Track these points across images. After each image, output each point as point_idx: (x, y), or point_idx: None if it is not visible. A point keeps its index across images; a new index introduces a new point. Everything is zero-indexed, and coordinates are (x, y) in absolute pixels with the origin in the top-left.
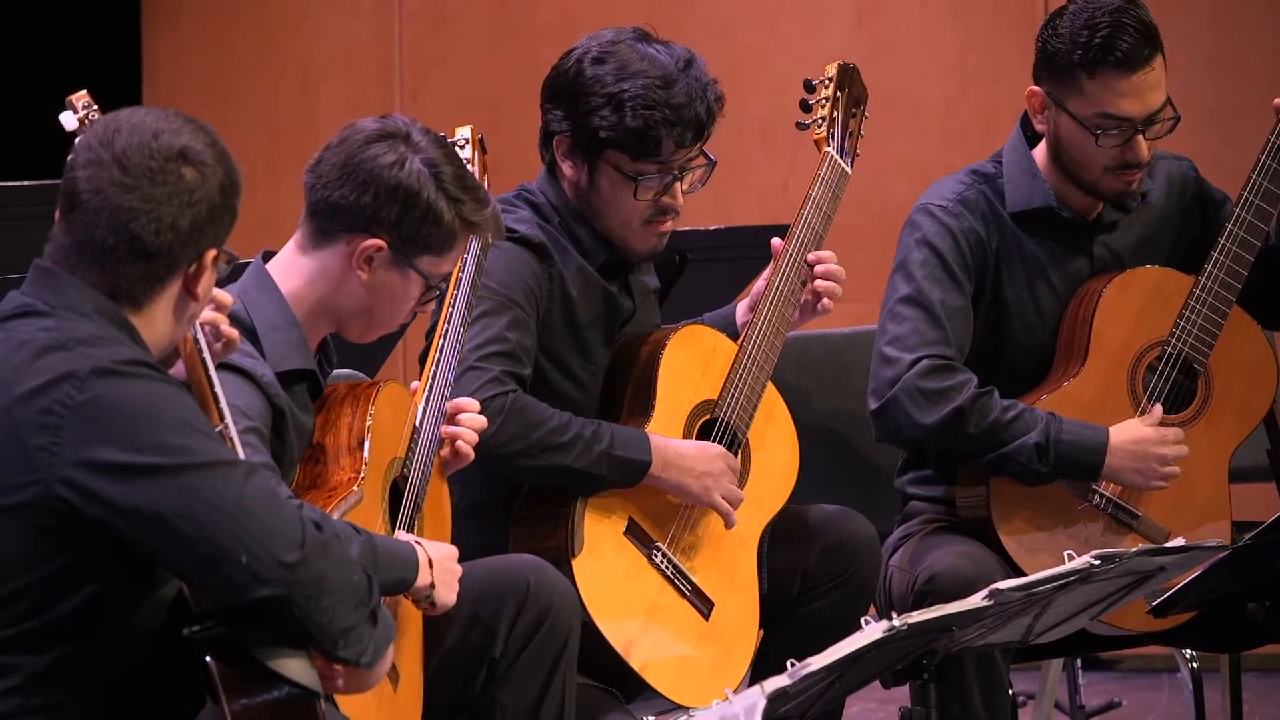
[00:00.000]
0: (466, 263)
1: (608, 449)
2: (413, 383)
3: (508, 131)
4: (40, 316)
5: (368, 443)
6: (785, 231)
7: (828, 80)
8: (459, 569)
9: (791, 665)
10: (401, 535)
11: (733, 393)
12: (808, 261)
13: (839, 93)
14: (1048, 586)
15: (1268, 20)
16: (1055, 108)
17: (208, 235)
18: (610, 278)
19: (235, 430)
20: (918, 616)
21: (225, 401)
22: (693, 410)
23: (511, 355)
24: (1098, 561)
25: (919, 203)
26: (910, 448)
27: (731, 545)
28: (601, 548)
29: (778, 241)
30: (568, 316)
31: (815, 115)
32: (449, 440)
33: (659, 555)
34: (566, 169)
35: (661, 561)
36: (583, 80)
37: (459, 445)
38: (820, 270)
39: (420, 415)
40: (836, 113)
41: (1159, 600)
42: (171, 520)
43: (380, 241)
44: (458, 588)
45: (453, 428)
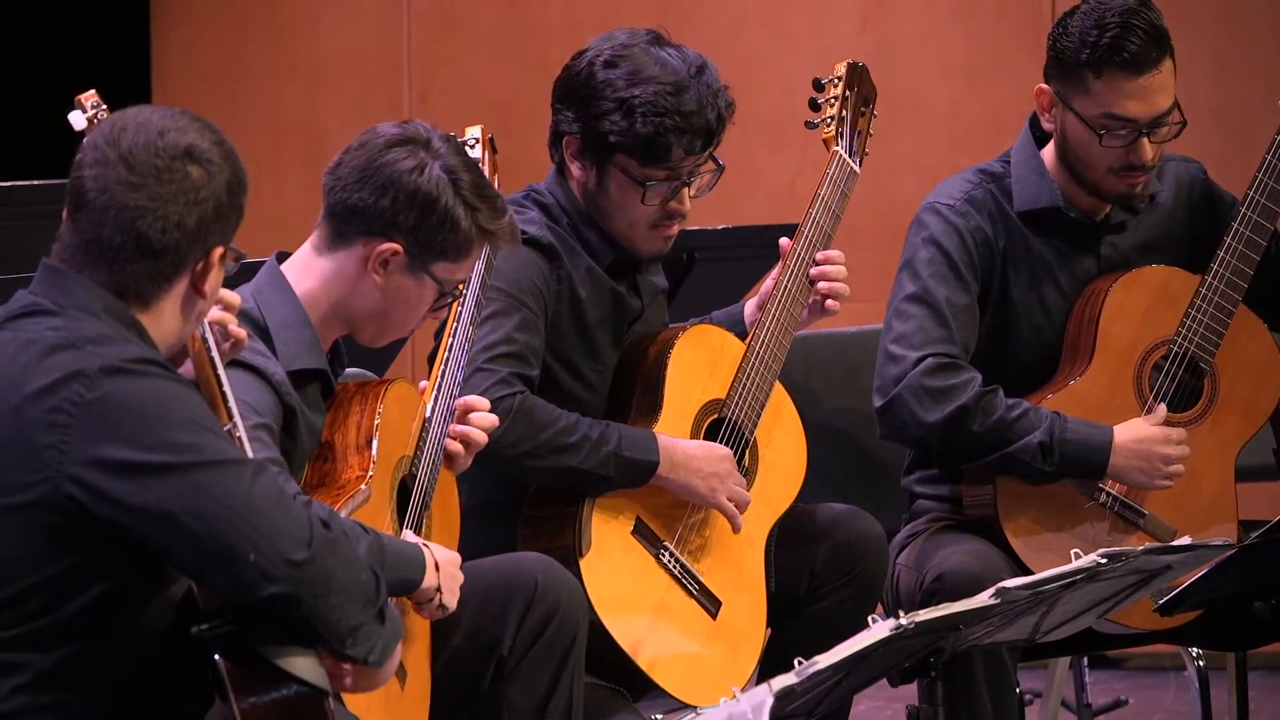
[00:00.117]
0: (477, 262)
1: (615, 450)
2: (421, 382)
3: (516, 132)
4: (49, 315)
5: (376, 441)
6: (793, 231)
7: (837, 79)
8: (462, 575)
9: (799, 663)
10: (409, 537)
11: (740, 392)
12: (816, 261)
13: (848, 92)
14: (1054, 585)
15: (1271, 21)
16: (1062, 106)
17: (214, 233)
18: (619, 278)
19: (244, 428)
20: (925, 615)
21: (234, 400)
22: (700, 410)
23: (519, 357)
24: (1104, 560)
25: (926, 201)
26: (914, 445)
27: (739, 544)
28: (609, 547)
29: (786, 241)
30: (576, 317)
31: (824, 114)
32: (459, 438)
33: (666, 555)
34: (575, 170)
35: (669, 561)
36: (594, 83)
37: (470, 440)
38: (815, 272)
39: (429, 414)
40: (845, 112)
41: (1165, 599)
42: (180, 518)
43: (397, 246)
44: (459, 594)
45: (463, 426)
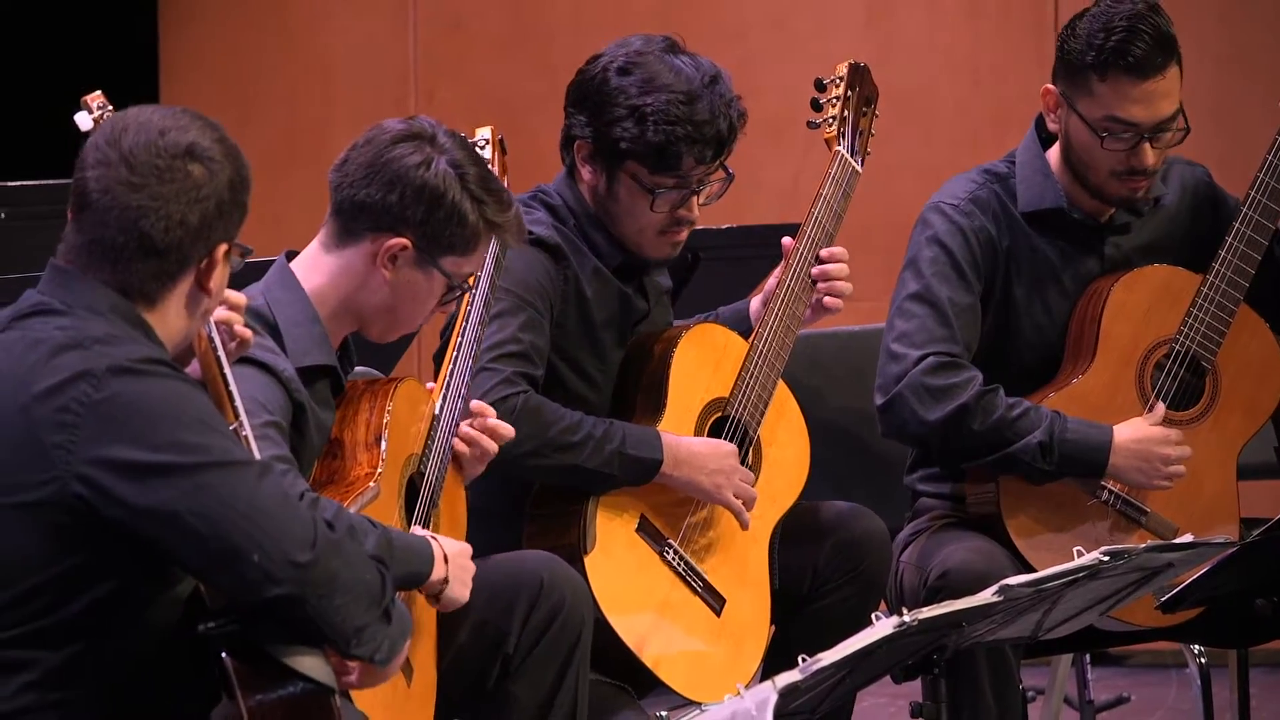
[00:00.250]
0: (486, 261)
1: (619, 448)
2: (428, 383)
3: (521, 133)
4: (56, 315)
5: (385, 438)
6: (796, 230)
7: (838, 79)
8: (473, 566)
9: (803, 660)
10: (418, 530)
11: (744, 390)
12: (819, 259)
13: (849, 92)
14: (1057, 582)
15: (1273, 22)
16: (1067, 108)
17: (218, 230)
18: (625, 279)
19: (250, 428)
20: (928, 612)
21: (240, 400)
22: (704, 408)
23: (524, 356)
24: (1107, 558)
25: (931, 201)
26: (915, 444)
27: (743, 542)
28: (613, 545)
29: (789, 240)
30: (582, 317)
31: (826, 114)
32: (467, 439)
33: (671, 552)
34: (586, 174)
35: (673, 558)
36: (607, 89)
37: (478, 445)
38: (818, 271)
39: (438, 412)
40: (847, 112)
41: (1167, 596)
42: (185, 519)
43: (405, 240)
44: (470, 585)
45: (474, 432)
